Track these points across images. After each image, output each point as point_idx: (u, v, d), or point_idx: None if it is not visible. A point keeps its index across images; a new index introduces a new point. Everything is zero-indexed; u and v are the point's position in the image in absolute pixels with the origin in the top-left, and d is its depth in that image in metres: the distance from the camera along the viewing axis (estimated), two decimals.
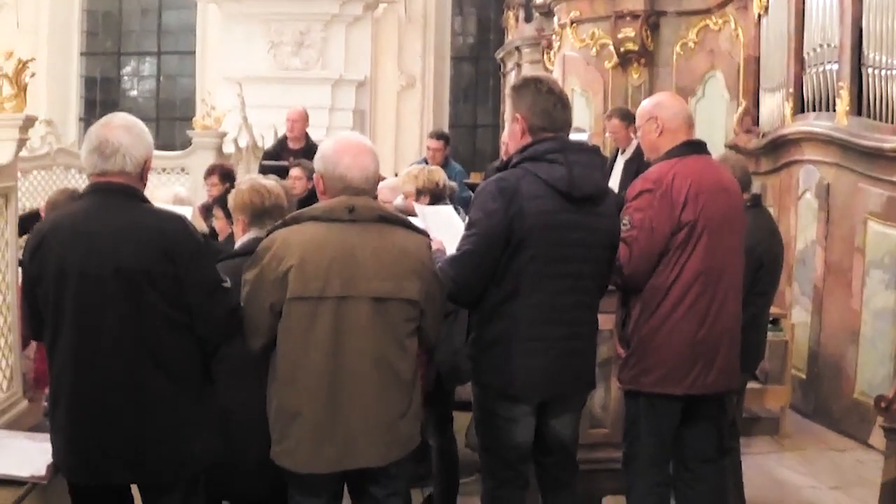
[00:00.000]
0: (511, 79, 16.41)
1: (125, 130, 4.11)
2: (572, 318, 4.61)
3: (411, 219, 4.89)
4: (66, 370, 4.01)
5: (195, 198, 10.37)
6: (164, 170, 12.40)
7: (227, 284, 4.19)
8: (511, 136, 4.71)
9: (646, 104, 5.29)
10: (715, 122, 10.89)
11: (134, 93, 23.31)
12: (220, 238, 6.59)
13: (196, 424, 4.14)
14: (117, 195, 4.05)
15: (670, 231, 4.87)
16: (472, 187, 10.52)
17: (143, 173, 4.16)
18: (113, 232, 3.95)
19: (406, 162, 14.17)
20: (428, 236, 4.43)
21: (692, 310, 4.90)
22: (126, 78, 23.12)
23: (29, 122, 5.17)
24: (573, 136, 6.51)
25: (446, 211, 5.83)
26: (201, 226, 6.07)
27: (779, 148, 9.48)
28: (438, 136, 11.22)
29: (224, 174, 9.03)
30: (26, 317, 4.33)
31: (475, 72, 22.50)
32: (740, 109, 10.31)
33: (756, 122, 10.29)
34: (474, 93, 22.67)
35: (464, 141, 21.75)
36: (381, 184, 6.92)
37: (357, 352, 4.08)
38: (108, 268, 3.91)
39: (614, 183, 9.23)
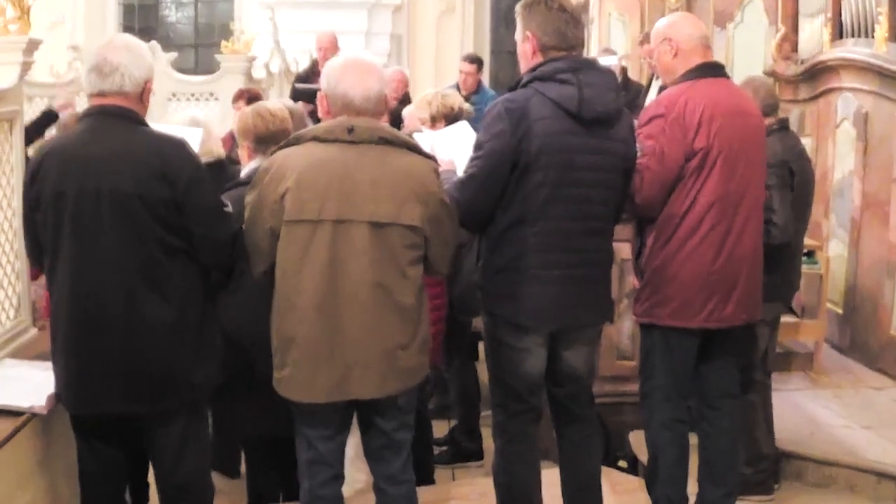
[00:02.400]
0: None
1: (125, 50, 4.03)
2: (583, 245, 4.48)
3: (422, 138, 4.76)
4: (64, 297, 3.97)
5: (224, 124, 10.28)
6: (192, 95, 12.29)
7: (229, 209, 4.10)
8: (521, 56, 4.57)
9: (659, 25, 5.11)
10: (754, 48, 10.58)
11: (172, 18, 23.00)
12: None
13: (196, 353, 4.09)
14: (115, 118, 3.98)
15: (683, 158, 4.73)
16: None
17: (143, 95, 4.07)
18: (109, 155, 3.89)
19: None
20: (435, 160, 4.28)
21: (707, 239, 4.77)
22: (164, 3, 22.79)
23: (33, 45, 5.06)
24: (602, 59, 6.32)
25: (456, 129, 5.61)
26: (218, 148, 5.92)
27: (817, 75, 9.19)
28: (471, 59, 11.06)
29: (251, 99, 8.82)
30: (27, 245, 4.25)
31: None
32: (779, 35, 9.97)
33: (795, 48, 9.99)
34: (515, 18, 22.13)
35: (504, 67, 21.33)
36: (407, 110, 6.77)
37: (355, 278, 3.97)
38: (104, 190, 3.86)
39: None
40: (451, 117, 6.05)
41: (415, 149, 4.19)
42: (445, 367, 6.55)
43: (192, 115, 5.93)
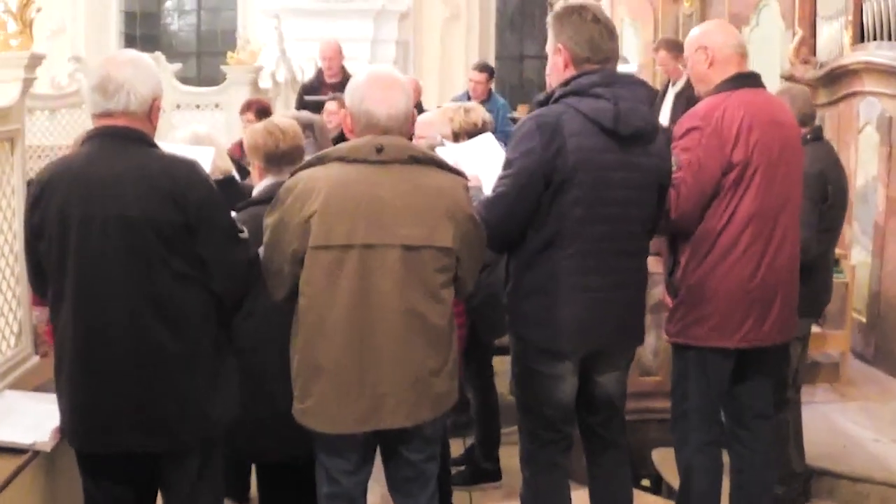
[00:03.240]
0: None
1: (130, 66, 3.80)
2: (618, 265, 4.29)
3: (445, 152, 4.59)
4: (69, 328, 3.75)
5: (230, 135, 10.13)
6: (197, 106, 12.13)
7: (245, 234, 3.91)
8: (553, 69, 4.36)
9: (694, 33, 4.95)
10: (769, 52, 10.42)
11: (175, 27, 22.90)
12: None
13: (211, 385, 3.88)
14: (121, 140, 3.76)
15: (720, 171, 4.56)
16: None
17: (151, 113, 3.85)
18: (116, 178, 3.67)
19: (451, 95, 13.85)
20: (465, 177, 4.09)
21: (745, 255, 4.61)
22: (167, 12, 22.70)
23: (35, 61, 4.85)
24: (619, 67, 6.16)
25: (481, 141, 5.34)
26: (227, 165, 5.75)
27: (837, 79, 9.01)
28: (481, 68, 10.95)
29: (260, 110, 8.73)
30: (29, 273, 4.05)
31: (521, 1, 21.95)
32: (796, 39, 9.80)
33: (813, 52, 9.81)
34: (521, 23, 22.13)
35: (510, 73, 21.38)
36: (418, 118, 6.56)
37: (386, 304, 3.78)
38: (111, 216, 3.65)
39: (664, 117, 8.97)
40: (474, 133, 5.78)
41: (443, 166, 3.99)
42: (465, 380, 6.37)
43: (194, 131, 5.73)
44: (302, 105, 10.37)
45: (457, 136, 5.79)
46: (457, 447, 6.77)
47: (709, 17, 10.83)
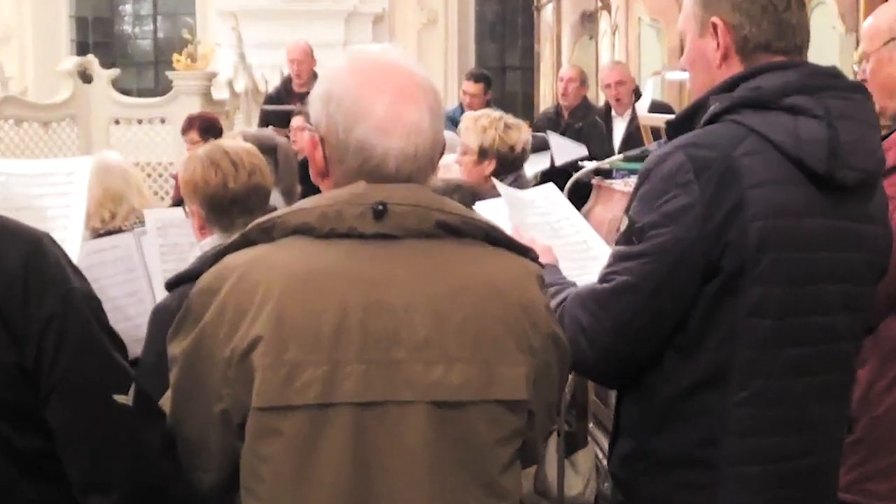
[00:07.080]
0: (548, 14, 14.50)
1: None
2: (815, 415, 2.45)
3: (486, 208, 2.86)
4: None
5: (181, 157, 8.84)
6: (139, 121, 10.74)
7: (126, 399, 2.11)
8: (697, 62, 2.50)
9: (880, 17, 3.27)
10: (823, 61, 8.92)
11: (130, 34, 22.13)
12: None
13: None
14: None
15: None
16: None
17: None
18: None
19: None
20: (535, 258, 2.19)
21: None
22: (121, 17, 21.91)
23: None
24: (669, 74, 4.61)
25: (545, 193, 3.38)
26: (144, 205, 4.14)
27: None
28: (477, 77, 9.82)
29: (206, 128, 7.37)
30: None
31: (502, 8, 21.16)
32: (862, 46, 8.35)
33: None
34: (501, 31, 21.31)
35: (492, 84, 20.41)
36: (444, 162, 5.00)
37: None
38: None
39: None
40: (507, 159, 4.31)
41: (499, 239, 2.10)
42: None
43: (102, 157, 4.07)
44: (265, 121, 9.25)
45: (483, 154, 4.30)
46: None
47: None
